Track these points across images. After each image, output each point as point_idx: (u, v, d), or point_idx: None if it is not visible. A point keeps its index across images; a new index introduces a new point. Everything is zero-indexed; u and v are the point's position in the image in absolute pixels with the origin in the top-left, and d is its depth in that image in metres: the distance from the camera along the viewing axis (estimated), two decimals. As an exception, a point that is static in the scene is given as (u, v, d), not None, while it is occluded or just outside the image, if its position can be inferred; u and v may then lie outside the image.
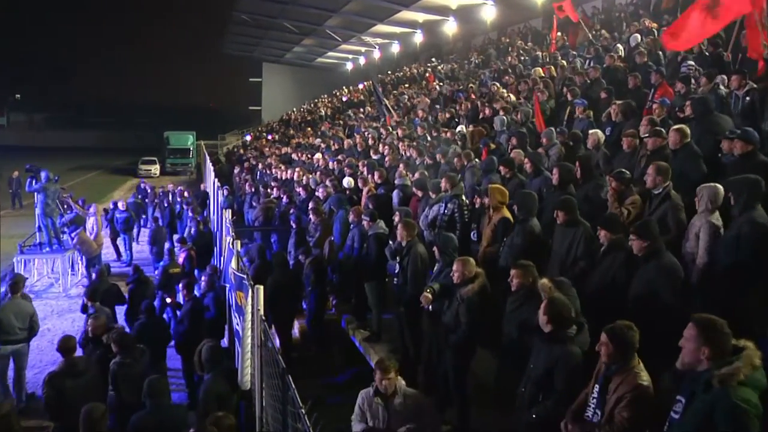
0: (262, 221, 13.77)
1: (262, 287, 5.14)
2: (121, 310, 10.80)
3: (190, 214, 16.73)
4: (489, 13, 31.83)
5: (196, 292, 9.79)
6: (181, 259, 12.58)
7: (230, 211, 10.91)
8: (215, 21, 47.75)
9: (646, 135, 8.15)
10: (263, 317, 5.08)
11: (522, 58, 22.07)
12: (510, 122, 12.07)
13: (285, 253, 10.47)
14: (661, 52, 13.00)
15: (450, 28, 35.94)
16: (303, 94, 56.03)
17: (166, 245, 15.75)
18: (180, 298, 12.30)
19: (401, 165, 11.67)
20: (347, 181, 11.93)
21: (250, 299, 5.90)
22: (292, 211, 13.73)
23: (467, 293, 5.98)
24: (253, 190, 17.83)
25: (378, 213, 9.27)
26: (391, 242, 8.45)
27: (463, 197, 8.62)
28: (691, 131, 7.63)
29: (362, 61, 51.58)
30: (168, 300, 9.81)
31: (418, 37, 40.24)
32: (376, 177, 11.55)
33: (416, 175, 10.10)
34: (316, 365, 10.05)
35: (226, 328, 10.51)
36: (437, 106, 18.97)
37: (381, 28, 40.12)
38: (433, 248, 7.26)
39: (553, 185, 7.92)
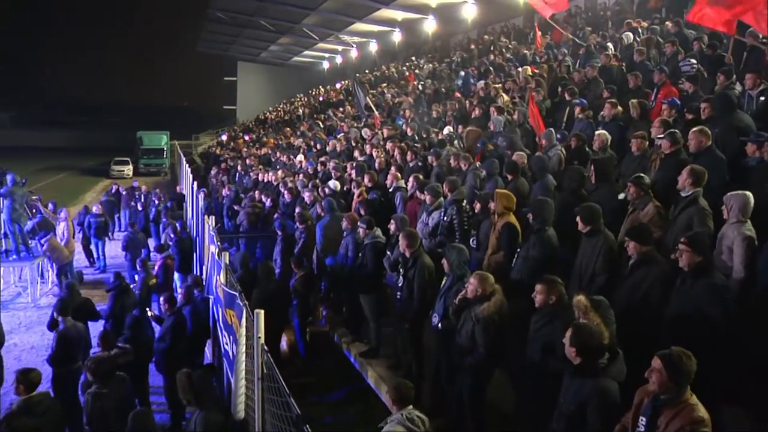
0: (246, 226, 13.10)
1: (263, 312, 4.53)
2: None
3: (164, 219, 15.99)
4: (470, 12, 31.44)
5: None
6: (156, 268, 11.86)
7: (213, 217, 10.19)
8: (190, 19, 46.72)
9: (660, 137, 7.71)
10: (265, 348, 4.48)
11: (507, 56, 21.60)
12: (506, 123, 11.58)
13: (271, 263, 9.84)
14: (656, 50, 12.64)
15: (429, 26, 35.50)
16: (278, 93, 55.23)
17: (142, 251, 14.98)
18: (157, 309, 11.63)
19: (393, 168, 11.10)
20: (333, 184, 11.31)
21: (244, 323, 5.29)
22: (276, 216, 13.11)
23: (483, 313, 5.45)
24: (231, 192, 17.13)
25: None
26: (389, 252, 7.90)
27: (464, 203, 8.09)
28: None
29: (339, 60, 50.98)
30: (149, 313, 9.10)
31: (397, 36, 39.75)
32: (366, 180, 10.97)
33: (411, 178, 9.53)
34: (304, 381, 9.45)
35: (208, 344, 9.89)
36: (422, 107, 18.37)
37: (359, 26, 39.57)
38: (441, 260, 6.71)
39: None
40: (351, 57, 48.04)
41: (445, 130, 12.90)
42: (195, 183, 16.24)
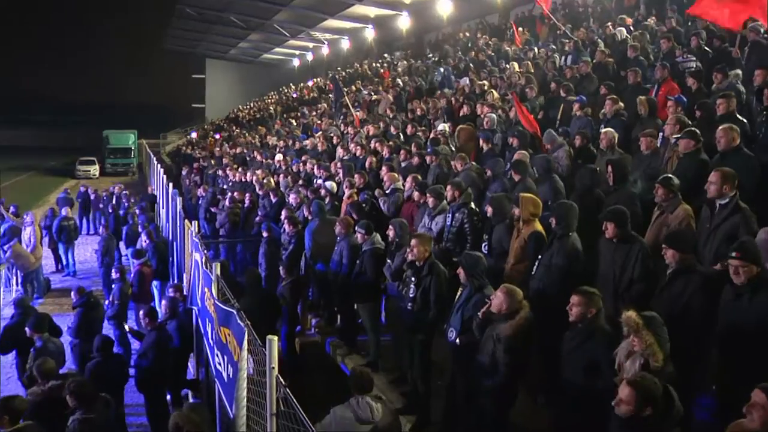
0: (228, 229, 12.42)
1: (276, 338, 3.94)
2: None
3: (133, 220, 15.16)
4: (445, 8, 30.91)
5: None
6: (131, 275, 11.11)
7: (196, 222, 9.51)
8: (157, 15, 45.37)
9: (677, 136, 7.33)
10: (282, 380, 3.92)
11: (488, 53, 21.19)
12: (500, 120, 11.14)
13: (258, 270, 9.20)
14: (651, 46, 12.32)
15: (403, 23, 34.97)
16: (248, 91, 54.31)
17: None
18: (134, 322, 10.88)
19: (384, 168, 10.56)
20: (329, 185, 10.71)
21: (246, 346, 4.69)
22: (258, 218, 12.46)
23: (507, 331, 4.94)
24: (208, 194, 16.36)
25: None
26: (389, 260, 7.35)
27: (472, 205, 7.58)
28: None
29: (310, 57, 50.22)
30: (126, 327, 8.40)
31: (369, 33, 39.18)
32: (357, 181, 10.41)
33: (410, 178, 9.00)
34: (294, 396, 8.83)
35: (191, 358, 9.24)
36: (409, 106, 17.81)
37: (331, 23, 38.92)
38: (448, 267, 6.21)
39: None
40: (322, 54, 47.34)
41: (440, 127, 12.37)
42: (170, 184, 15.42)
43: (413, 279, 6.43)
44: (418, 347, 6.45)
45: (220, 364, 6.04)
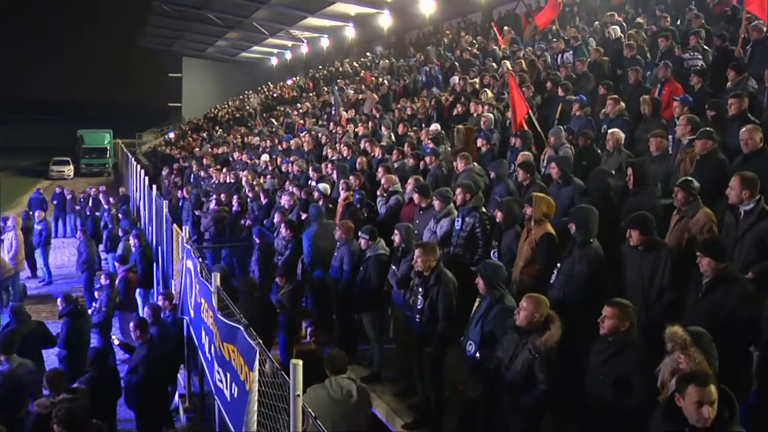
0: (214, 233, 11.96)
1: (300, 363, 3.58)
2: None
3: (111, 225, 14.60)
4: (427, 6, 30.55)
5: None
6: (116, 283, 10.60)
7: (187, 227, 9.05)
8: (133, 12, 44.36)
9: (693, 137, 7.11)
10: (311, 411, 3.57)
11: (474, 51, 20.93)
12: (497, 120, 10.87)
13: (253, 278, 8.79)
14: (645, 46, 12.12)
15: (385, 21, 34.57)
16: (225, 90, 53.49)
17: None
18: (119, 332, 10.40)
19: (381, 169, 10.20)
20: (323, 187, 10.32)
21: (257, 367, 4.31)
22: (247, 222, 12.04)
23: (545, 344, 4.64)
24: (192, 196, 15.83)
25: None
26: (394, 267, 7.02)
27: (484, 209, 7.27)
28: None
29: (288, 55, 49.63)
30: (115, 340, 7.93)
31: (350, 31, 38.77)
32: (353, 183, 10.05)
33: (411, 180, 8.66)
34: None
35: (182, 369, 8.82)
36: (395, 105, 17.49)
37: (311, 21, 38.42)
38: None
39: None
40: (301, 53, 46.81)
41: (432, 127, 12.05)
42: (153, 185, 14.89)
43: (420, 289, 6.10)
44: (429, 361, 6.12)
45: (221, 381, 5.67)
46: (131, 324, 7.40)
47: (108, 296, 9.61)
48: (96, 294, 10.11)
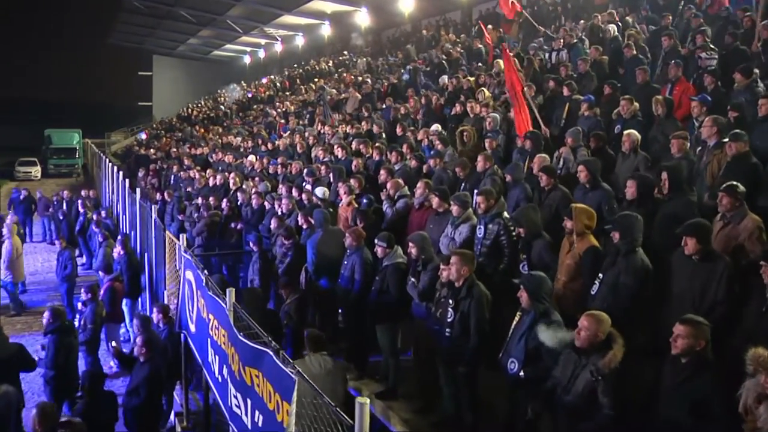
0: (206, 238, 11.38)
1: (367, 402, 3.11)
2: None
3: (96, 230, 13.86)
4: (407, 5, 30.09)
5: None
6: (100, 293, 9.96)
7: (184, 235, 8.47)
8: (103, 8, 43.06)
9: (719, 139, 6.85)
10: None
11: (459, 50, 20.61)
12: (502, 121, 10.52)
13: (258, 290, 8.28)
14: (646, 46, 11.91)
15: (362, 19, 34.10)
16: (197, 89, 52.41)
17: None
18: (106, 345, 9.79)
19: (383, 171, 9.78)
20: (321, 191, 9.84)
21: (296, 399, 3.83)
22: (239, 226, 11.49)
23: (608, 365, 4.28)
24: (168, 198, 15.18)
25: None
26: (413, 279, 6.60)
27: (506, 215, 6.90)
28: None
29: (262, 54, 48.85)
30: (113, 344, 7.29)
31: (326, 29, 38.22)
32: (354, 185, 9.61)
33: (421, 184, 8.25)
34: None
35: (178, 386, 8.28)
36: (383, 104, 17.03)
37: (286, 19, 37.76)
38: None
39: (625, 200, 6.43)
40: (275, 51, 46.10)
41: (433, 128, 11.66)
42: (137, 189, 14.22)
43: (451, 302, 5.70)
44: (463, 380, 5.72)
45: (238, 407, 5.20)
46: (138, 340, 6.83)
47: (93, 311, 8.91)
48: (79, 306, 9.42)
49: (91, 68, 57.28)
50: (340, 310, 8.45)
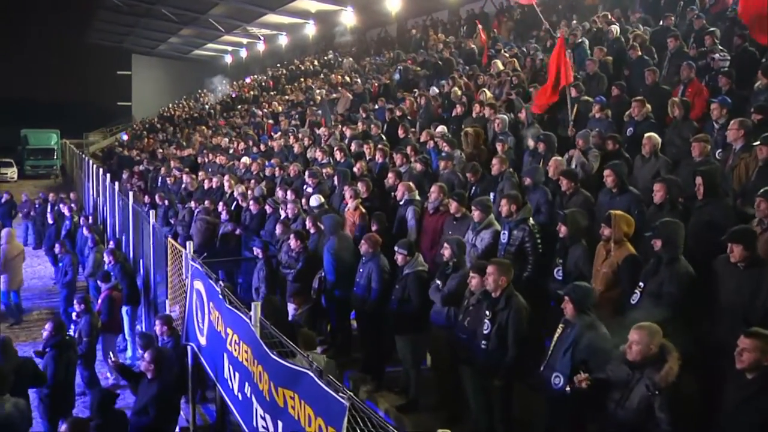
0: (201, 244, 10.96)
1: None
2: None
3: (89, 236, 13.36)
4: (394, 4, 29.74)
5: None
6: (98, 303, 9.55)
7: (191, 243, 8.07)
8: (81, 6, 42.04)
9: (746, 142, 6.70)
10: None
11: (450, 50, 20.43)
12: (511, 123, 10.31)
13: (276, 299, 7.92)
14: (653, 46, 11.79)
15: (347, 18, 33.72)
16: (176, 88, 51.61)
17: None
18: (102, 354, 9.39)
19: (392, 175, 9.51)
20: (317, 200, 9.50)
21: (345, 428, 3.54)
22: (237, 231, 11.13)
23: (666, 379, 4.07)
24: (160, 201, 14.70)
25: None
26: (438, 282, 6.35)
27: (532, 221, 6.67)
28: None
29: (243, 53, 48.21)
30: (112, 358, 6.87)
31: (310, 29, 37.77)
32: (361, 190, 9.32)
33: (435, 188, 7.99)
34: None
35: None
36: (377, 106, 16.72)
37: (270, 18, 37.25)
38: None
39: (653, 205, 6.25)
40: (258, 50, 45.52)
41: (439, 129, 11.41)
42: (129, 193, 13.76)
43: (487, 313, 5.45)
44: (498, 394, 5.49)
45: (266, 428, 4.91)
46: (146, 355, 6.46)
47: (89, 323, 8.47)
48: (73, 316, 8.98)
49: (68, 67, 55.94)
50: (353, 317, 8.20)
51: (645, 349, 4.19)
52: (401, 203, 8.51)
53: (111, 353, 7.27)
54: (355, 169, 10.80)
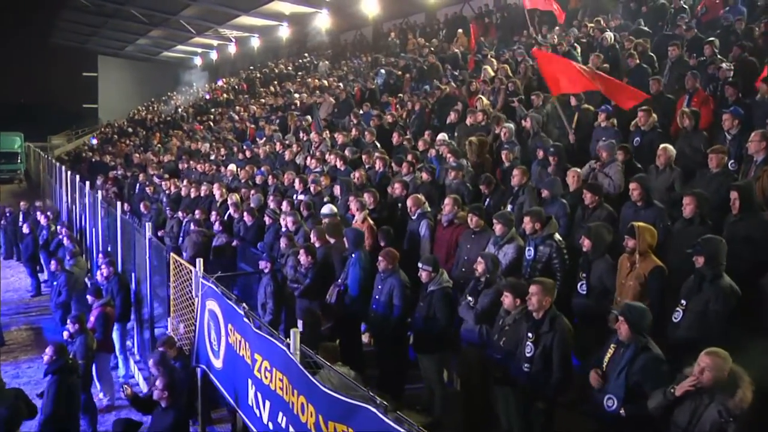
0: (193, 257, 10.58)
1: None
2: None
3: (70, 245, 12.85)
4: (370, 7, 29.51)
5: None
6: (91, 321, 9.10)
7: (201, 260, 7.69)
8: (45, 5, 40.81)
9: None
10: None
11: (437, 55, 20.30)
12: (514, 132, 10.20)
13: (317, 312, 7.55)
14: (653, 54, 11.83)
15: (323, 21, 33.41)
16: (144, 90, 50.65)
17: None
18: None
19: (398, 185, 9.31)
20: (329, 209, 9.26)
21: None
22: (234, 242, 10.79)
23: (740, 406, 3.97)
24: (145, 210, 14.21)
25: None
26: (470, 298, 6.17)
27: (558, 236, 6.55)
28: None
29: (214, 56, 47.49)
30: (127, 390, 6.51)
31: (284, 31, 37.32)
32: (368, 201, 9.11)
33: (449, 200, 7.82)
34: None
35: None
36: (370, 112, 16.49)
37: (242, 20, 36.70)
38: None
39: (682, 218, 6.18)
40: (228, 53, 44.89)
41: (440, 137, 11.25)
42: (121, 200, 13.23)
43: (530, 335, 5.30)
44: (540, 417, 5.34)
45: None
46: (159, 383, 6.13)
47: (84, 344, 7.99)
48: (65, 335, 8.52)
49: (31, 68, 54.28)
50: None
51: (719, 374, 4.09)
52: (414, 217, 8.30)
53: (124, 386, 6.83)
54: (354, 178, 10.59)
